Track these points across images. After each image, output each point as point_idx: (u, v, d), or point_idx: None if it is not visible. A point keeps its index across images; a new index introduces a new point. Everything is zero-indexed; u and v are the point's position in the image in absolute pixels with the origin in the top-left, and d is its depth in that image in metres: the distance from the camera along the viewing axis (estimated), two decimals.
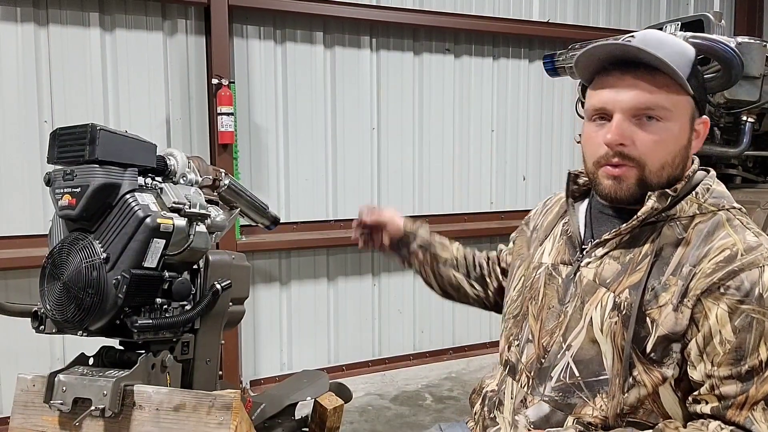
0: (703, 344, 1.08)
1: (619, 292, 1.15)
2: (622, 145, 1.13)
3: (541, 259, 1.33)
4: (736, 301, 1.06)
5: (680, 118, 1.14)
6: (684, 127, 1.15)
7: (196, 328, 1.42)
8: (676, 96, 1.13)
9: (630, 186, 1.16)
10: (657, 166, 1.14)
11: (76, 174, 1.26)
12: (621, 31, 4.15)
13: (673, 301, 1.10)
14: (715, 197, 1.18)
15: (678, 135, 1.15)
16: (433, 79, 4.14)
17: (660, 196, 1.14)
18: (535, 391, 1.23)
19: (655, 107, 1.12)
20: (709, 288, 1.07)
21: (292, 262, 3.87)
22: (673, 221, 1.15)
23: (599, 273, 1.19)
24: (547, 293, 1.27)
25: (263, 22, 3.65)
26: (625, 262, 1.17)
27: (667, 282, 1.11)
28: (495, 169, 4.40)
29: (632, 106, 1.13)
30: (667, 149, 1.14)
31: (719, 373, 1.07)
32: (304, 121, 3.80)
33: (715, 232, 1.13)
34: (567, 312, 1.21)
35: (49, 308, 1.29)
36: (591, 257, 1.21)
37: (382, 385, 3.95)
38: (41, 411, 1.27)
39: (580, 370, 1.17)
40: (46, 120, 3.20)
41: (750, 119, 2.86)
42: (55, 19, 3.20)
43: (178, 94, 3.47)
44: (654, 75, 1.12)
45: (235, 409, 1.17)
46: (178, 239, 1.31)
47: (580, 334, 1.18)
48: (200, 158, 1.57)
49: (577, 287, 1.21)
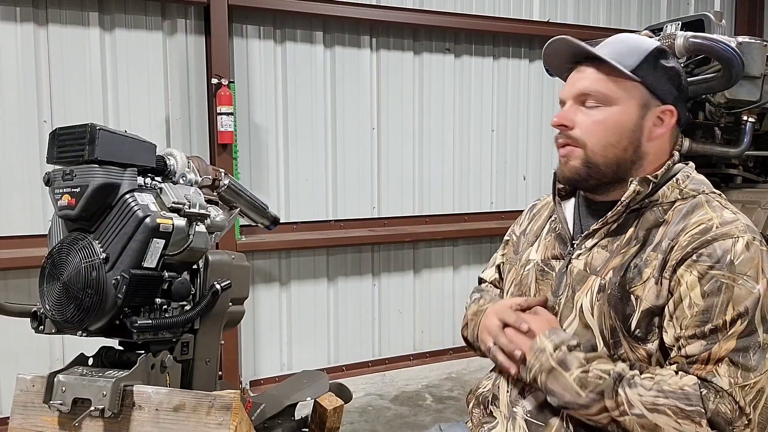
0: (674, 308, 1.13)
1: (604, 275, 1.20)
2: (564, 126, 1.25)
3: (528, 257, 1.38)
4: (706, 267, 1.11)
5: (623, 103, 1.22)
6: (628, 111, 1.22)
7: (195, 329, 1.42)
8: (618, 82, 1.22)
9: (575, 165, 1.25)
10: (599, 145, 1.23)
11: (75, 174, 1.26)
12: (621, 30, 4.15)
13: (654, 274, 1.15)
14: (695, 184, 1.25)
15: (620, 118, 1.22)
16: (433, 79, 4.14)
17: (641, 181, 1.20)
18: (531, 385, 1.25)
19: (593, 92, 1.23)
20: (683, 257, 1.13)
21: (292, 262, 3.86)
22: (655, 206, 1.22)
23: (589, 262, 1.24)
24: (541, 288, 1.32)
25: (263, 22, 3.65)
26: (613, 249, 1.22)
27: (648, 258, 1.17)
28: (495, 169, 4.40)
29: (574, 92, 1.26)
30: (607, 130, 1.22)
31: (685, 333, 1.11)
32: (304, 121, 3.79)
33: (694, 211, 1.19)
34: (560, 303, 1.26)
35: (49, 308, 1.29)
36: (581, 249, 1.27)
37: (382, 385, 3.95)
38: (41, 411, 1.27)
39: None
40: (45, 120, 3.20)
41: (750, 119, 2.86)
42: (54, 18, 3.19)
43: (178, 94, 3.47)
44: (598, 66, 1.23)
45: (235, 409, 1.17)
46: (177, 239, 1.31)
47: (573, 322, 1.23)
48: (200, 158, 1.57)
49: (568, 278, 1.26)
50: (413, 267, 4.23)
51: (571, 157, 1.26)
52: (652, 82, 1.23)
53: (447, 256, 4.32)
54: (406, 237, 4.02)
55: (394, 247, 4.13)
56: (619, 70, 1.21)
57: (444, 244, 4.29)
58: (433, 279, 4.29)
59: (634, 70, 1.21)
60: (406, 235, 4.01)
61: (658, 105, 1.23)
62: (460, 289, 4.37)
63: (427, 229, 4.12)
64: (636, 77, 1.21)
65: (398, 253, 4.16)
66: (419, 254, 4.24)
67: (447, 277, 4.34)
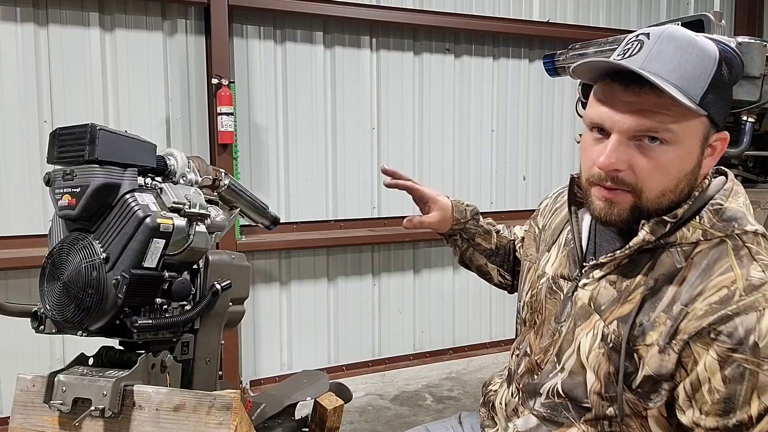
0: (692, 390, 1.00)
1: (608, 322, 1.09)
2: (616, 170, 1.03)
3: (545, 267, 1.28)
4: (727, 349, 0.96)
5: (687, 141, 1.02)
6: (692, 150, 1.03)
7: (195, 328, 1.42)
8: (684, 118, 1.00)
9: (622, 212, 1.06)
10: (656, 193, 1.04)
11: (75, 174, 1.26)
12: (621, 31, 4.16)
13: (659, 342, 1.02)
14: (725, 220, 1.05)
15: (683, 159, 1.03)
16: (433, 79, 4.14)
17: (655, 224, 1.04)
18: (526, 404, 1.23)
19: (658, 130, 1.00)
20: (698, 332, 0.98)
21: (292, 262, 3.87)
22: (674, 247, 1.05)
23: (594, 297, 1.12)
24: (548, 307, 1.23)
25: (263, 22, 3.65)
26: (621, 288, 1.09)
27: (657, 319, 1.03)
28: (495, 169, 4.40)
29: (631, 128, 1.01)
30: (668, 175, 1.03)
31: (707, 423, 0.99)
32: (304, 121, 3.79)
33: (716, 265, 1.02)
34: (561, 331, 1.17)
35: (49, 308, 1.29)
36: (589, 278, 1.14)
37: (382, 385, 3.95)
38: (41, 411, 1.27)
39: (566, 392, 1.15)
40: (45, 120, 3.20)
41: (750, 119, 2.86)
42: (55, 18, 3.19)
43: (178, 94, 3.47)
44: (659, 93, 0.98)
45: (235, 409, 1.17)
46: (177, 239, 1.31)
47: (571, 358, 1.14)
48: (200, 158, 1.57)
49: (572, 308, 1.16)
50: (413, 267, 4.23)
51: (617, 203, 1.06)
52: (716, 111, 1.02)
53: (447, 256, 4.32)
54: (406, 237, 4.02)
55: (394, 247, 4.13)
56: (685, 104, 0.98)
57: (444, 244, 4.27)
58: (433, 279, 4.30)
59: (701, 101, 1.00)
60: (406, 235, 4.01)
61: (714, 132, 1.05)
62: (460, 289, 4.37)
63: (427, 229, 4.11)
64: (703, 111, 1.00)
65: (398, 253, 4.16)
66: (419, 254, 4.24)
67: (447, 277, 4.34)
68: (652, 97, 1.00)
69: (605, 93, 1.05)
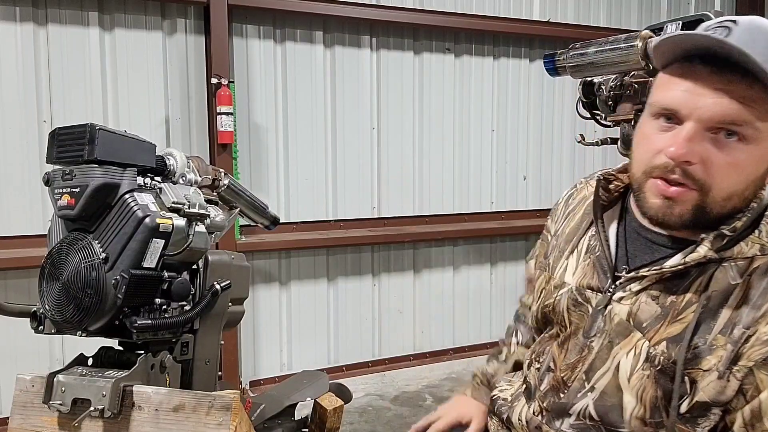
0: (752, 419, 0.94)
1: (655, 343, 1.00)
2: (687, 162, 0.93)
3: (563, 277, 1.16)
4: None
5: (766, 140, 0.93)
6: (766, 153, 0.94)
7: (195, 329, 1.41)
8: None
9: (684, 212, 0.96)
10: (723, 194, 0.94)
11: (75, 174, 1.26)
12: (621, 30, 4.15)
13: (719, 367, 0.95)
14: None
15: (759, 162, 0.94)
16: (433, 79, 4.14)
17: (715, 239, 0.96)
18: (552, 425, 1.14)
19: (743, 124, 0.90)
20: (764, 359, 0.92)
21: (292, 262, 3.86)
22: (727, 262, 0.97)
23: (634, 313, 1.03)
24: (573, 320, 1.13)
25: (263, 22, 3.65)
26: (665, 304, 1.00)
27: (714, 342, 0.95)
28: (495, 169, 4.40)
29: (714, 117, 0.91)
30: (741, 177, 0.94)
31: None
32: (304, 121, 3.79)
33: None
34: (592, 348, 1.08)
35: (48, 308, 1.28)
36: (625, 291, 1.04)
37: (382, 385, 3.95)
38: (40, 411, 1.27)
39: (600, 415, 1.07)
40: (45, 120, 3.20)
41: None
42: (54, 18, 3.19)
43: (178, 94, 3.47)
44: (752, 84, 0.89)
45: (235, 409, 1.17)
46: (177, 239, 1.31)
47: (604, 377, 1.06)
48: (200, 158, 1.56)
49: (606, 323, 1.06)
50: (413, 267, 4.23)
51: (679, 201, 0.96)
52: None
53: (447, 256, 4.32)
54: (406, 237, 4.02)
55: (394, 247, 4.13)
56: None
57: (444, 244, 4.29)
58: (433, 279, 4.29)
59: None
60: (406, 235, 4.00)
61: None
62: (460, 289, 4.37)
63: (427, 229, 4.12)
64: None
65: (398, 253, 4.16)
66: (419, 254, 4.24)
67: (447, 277, 4.34)
68: (743, 87, 0.90)
69: (686, 75, 0.93)
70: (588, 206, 1.18)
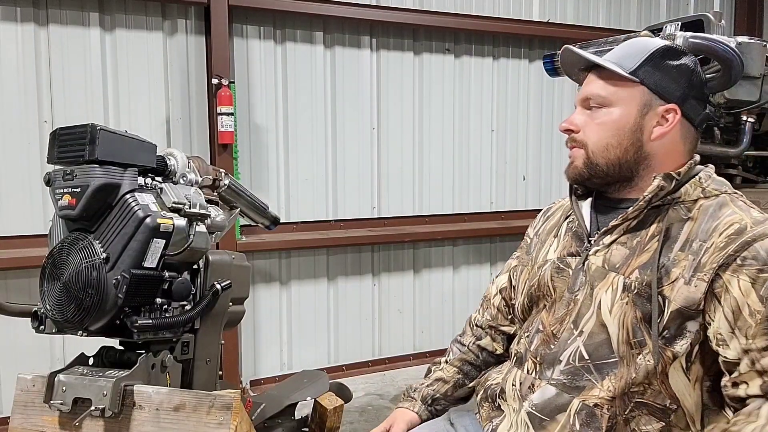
0: (733, 319, 1.09)
1: (628, 274, 1.18)
2: (570, 131, 1.31)
3: (546, 257, 1.35)
4: (756, 270, 1.09)
5: (622, 104, 1.24)
6: (628, 111, 1.23)
7: (196, 328, 1.42)
8: (618, 85, 1.24)
9: (578, 165, 1.29)
10: (600, 146, 1.25)
11: (76, 174, 1.26)
12: (621, 30, 4.16)
13: (684, 275, 1.13)
14: (717, 184, 1.24)
15: (619, 119, 1.24)
16: (433, 79, 4.14)
17: (665, 176, 1.19)
18: (543, 375, 1.25)
19: (593, 96, 1.26)
20: (725, 261, 1.10)
21: (292, 262, 3.87)
22: (678, 204, 1.20)
23: (608, 259, 1.22)
24: (557, 286, 1.29)
25: (263, 22, 3.65)
26: (632, 245, 1.21)
27: (677, 257, 1.15)
28: (495, 169, 4.40)
29: (580, 97, 1.30)
30: (607, 131, 1.24)
31: (756, 344, 1.08)
32: (304, 121, 3.80)
33: (722, 209, 1.17)
34: (577, 299, 1.24)
35: (49, 308, 1.29)
36: (599, 245, 1.25)
37: (382, 385, 3.95)
38: (41, 411, 1.27)
39: (590, 353, 1.19)
40: (46, 120, 3.20)
41: (750, 119, 2.86)
42: (55, 19, 3.19)
43: (178, 94, 3.47)
44: (600, 71, 1.27)
45: (235, 409, 1.17)
46: (178, 239, 1.31)
47: (590, 320, 1.21)
48: (200, 158, 1.57)
49: (586, 275, 1.24)
50: (413, 267, 4.23)
51: (575, 158, 1.30)
52: (653, 82, 1.23)
53: (447, 256, 4.32)
54: (406, 237, 4.02)
55: (394, 247, 4.13)
56: (617, 73, 1.23)
57: (444, 244, 4.29)
58: (433, 279, 4.29)
59: (634, 71, 1.23)
60: (406, 235, 4.00)
61: (662, 104, 1.23)
62: (460, 289, 4.37)
63: (427, 229, 4.12)
64: (635, 78, 1.22)
65: (398, 253, 4.16)
66: (419, 254, 4.24)
67: (447, 277, 4.34)
68: (595, 74, 1.28)
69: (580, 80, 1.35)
70: (566, 209, 1.41)
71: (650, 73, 1.23)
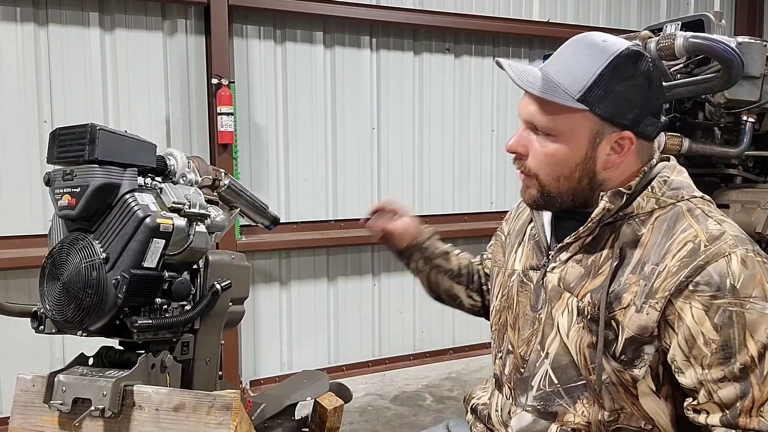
0: (688, 348, 1.04)
1: (581, 297, 1.13)
2: (519, 154, 1.17)
3: (513, 265, 1.32)
4: (709, 297, 1.02)
5: (570, 136, 1.11)
6: (577, 144, 1.11)
7: (195, 328, 1.42)
8: (564, 112, 1.10)
9: (533, 194, 1.19)
10: (551, 178, 1.15)
11: (75, 174, 1.26)
12: (621, 30, 4.16)
13: (636, 302, 1.07)
14: (674, 188, 1.14)
15: (568, 152, 1.12)
16: (433, 79, 4.14)
17: (613, 195, 1.11)
18: (518, 402, 1.23)
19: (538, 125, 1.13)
20: (677, 288, 1.04)
21: (292, 262, 3.87)
22: (632, 219, 1.12)
23: (563, 277, 1.17)
24: (520, 300, 1.26)
25: (263, 22, 3.65)
26: (587, 264, 1.15)
27: (628, 281, 1.09)
28: (495, 169, 4.40)
29: (523, 119, 1.16)
30: (557, 164, 1.13)
31: (711, 375, 1.03)
32: (304, 121, 3.80)
33: (676, 225, 1.09)
34: (541, 319, 1.20)
35: (49, 308, 1.29)
36: (556, 262, 1.19)
37: (382, 385, 3.95)
38: (41, 411, 1.27)
39: (558, 377, 1.16)
40: (45, 120, 3.20)
41: (750, 119, 2.86)
42: (55, 18, 3.19)
43: (178, 94, 3.47)
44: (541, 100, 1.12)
45: (235, 409, 1.17)
46: (177, 239, 1.31)
47: (554, 341, 1.17)
48: (200, 158, 1.57)
49: (546, 292, 1.20)
50: None
51: (528, 186, 1.19)
52: (603, 110, 1.09)
53: None
54: None
55: None
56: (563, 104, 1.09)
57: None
58: None
59: (582, 98, 1.08)
60: None
61: (615, 131, 1.11)
62: None
63: None
64: (583, 107, 1.09)
65: None
66: None
67: None
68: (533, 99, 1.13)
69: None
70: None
71: (600, 99, 1.08)
